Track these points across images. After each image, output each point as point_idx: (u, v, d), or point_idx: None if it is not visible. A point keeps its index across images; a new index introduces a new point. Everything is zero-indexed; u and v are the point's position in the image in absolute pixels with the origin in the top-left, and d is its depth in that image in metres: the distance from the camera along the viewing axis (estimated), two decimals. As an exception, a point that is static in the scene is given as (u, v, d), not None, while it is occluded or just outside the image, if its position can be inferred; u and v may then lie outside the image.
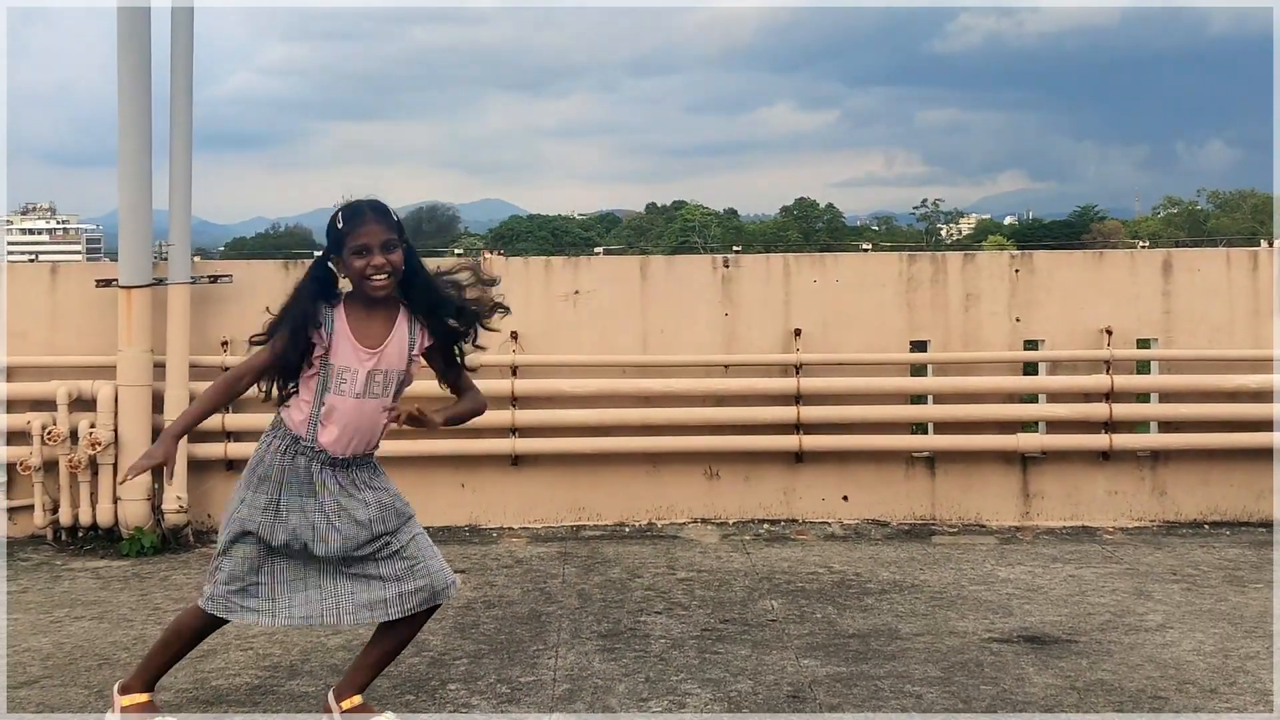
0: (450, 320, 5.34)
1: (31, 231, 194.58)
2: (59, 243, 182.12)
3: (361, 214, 5.16)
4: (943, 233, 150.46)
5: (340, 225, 5.17)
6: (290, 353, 5.21)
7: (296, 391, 5.31)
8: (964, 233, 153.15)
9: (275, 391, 5.37)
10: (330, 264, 5.26)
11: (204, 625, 5.42)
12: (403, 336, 5.25)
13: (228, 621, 5.36)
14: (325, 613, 5.25)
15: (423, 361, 5.38)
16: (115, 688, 5.50)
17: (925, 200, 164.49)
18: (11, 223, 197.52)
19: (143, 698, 5.42)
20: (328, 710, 5.42)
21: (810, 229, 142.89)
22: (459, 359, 5.47)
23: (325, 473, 5.21)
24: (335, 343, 5.18)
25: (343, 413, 5.18)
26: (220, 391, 5.40)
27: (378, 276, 5.11)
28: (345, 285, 5.28)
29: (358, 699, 5.40)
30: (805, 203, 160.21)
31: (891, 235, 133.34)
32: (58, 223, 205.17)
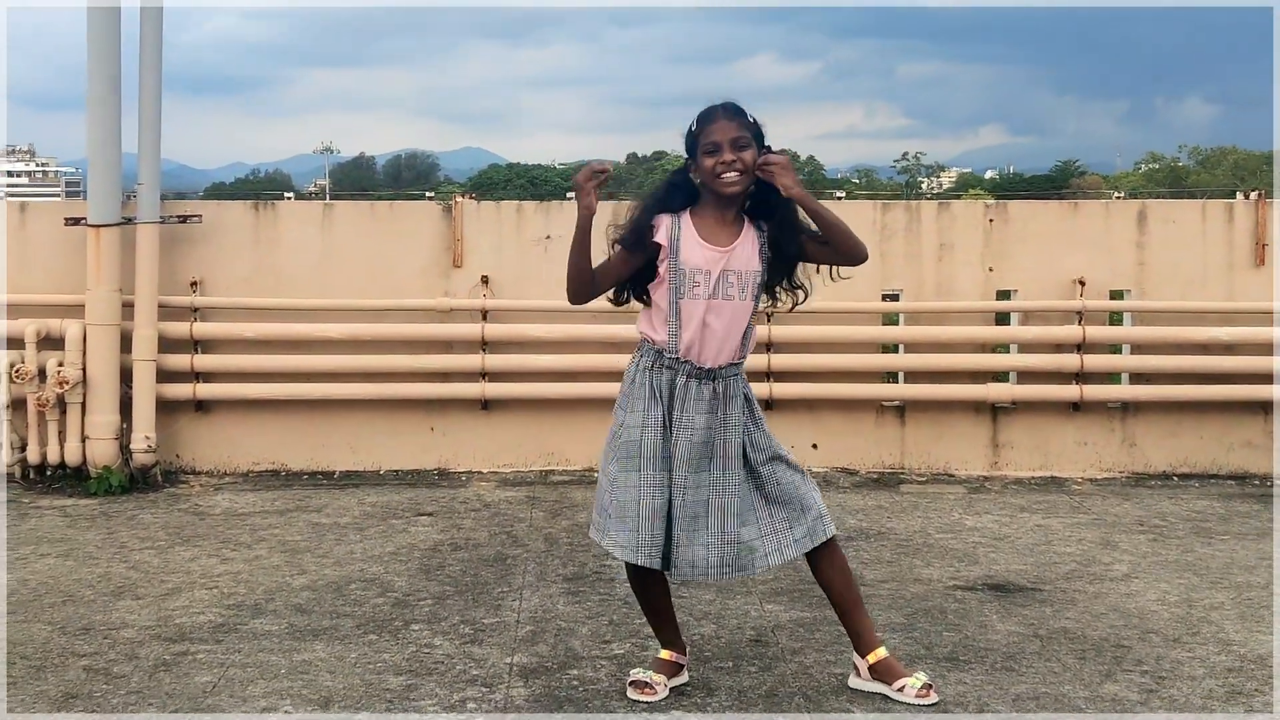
0: (794, 250, 5.18)
1: (11, 174, 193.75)
2: (38, 184, 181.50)
3: (712, 113, 5.08)
4: (923, 186, 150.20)
5: (694, 128, 5.10)
6: (629, 257, 5.16)
7: (646, 301, 5.22)
8: (944, 186, 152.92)
9: (623, 297, 5.31)
10: (690, 173, 5.15)
11: (635, 575, 5.27)
12: (753, 239, 5.13)
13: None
14: (710, 565, 5.09)
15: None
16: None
17: (906, 154, 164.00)
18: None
19: (666, 653, 5.32)
20: (856, 670, 5.34)
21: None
22: (786, 291, 5.31)
23: (691, 385, 5.07)
24: (683, 246, 5.05)
25: (698, 317, 5.04)
26: (583, 268, 5.19)
27: (728, 174, 5.00)
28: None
29: (882, 651, 5.29)
30: (786, 155, 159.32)
31: (872, 188, 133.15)
32: (37, 165, 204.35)
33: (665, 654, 5.32)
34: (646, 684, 5.16)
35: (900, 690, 5.18)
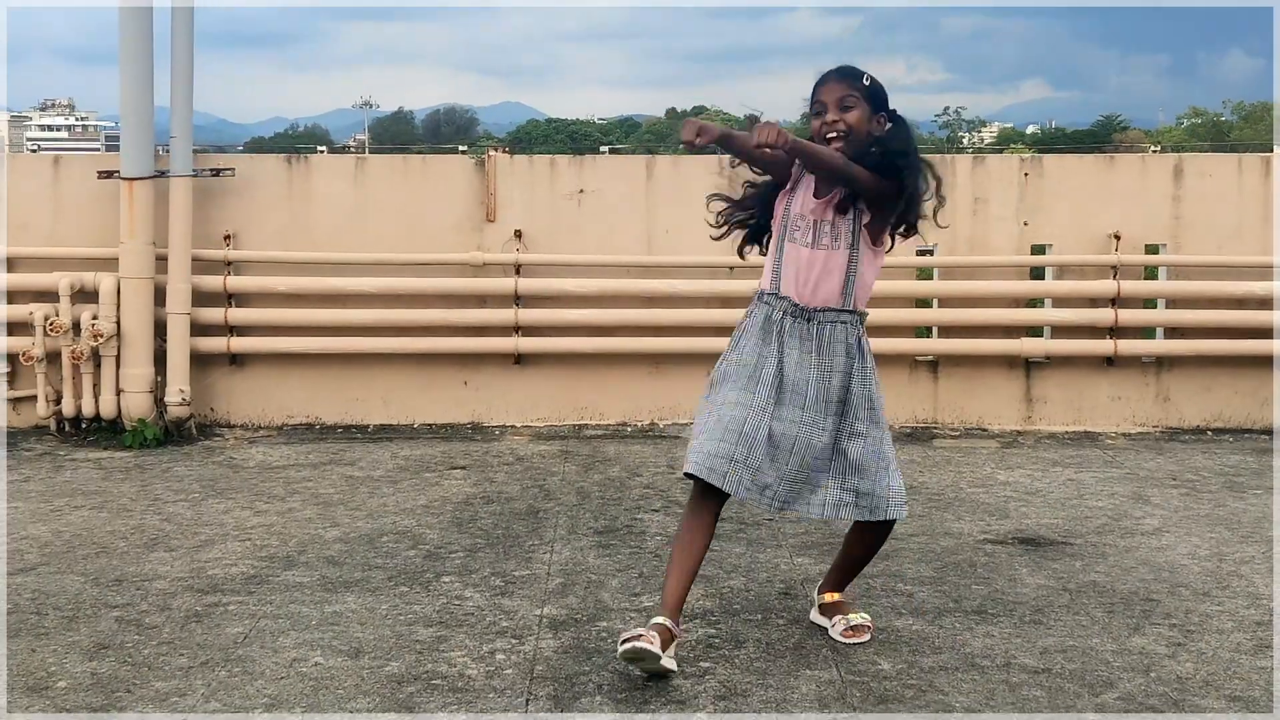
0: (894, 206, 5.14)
1: (50, 128, 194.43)
2: (78, 139, 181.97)
3: (825, 76, 5.17)
4: (964, 141, 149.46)
5: (810, 91, 5.20)
6: (773, 166, 5.25)
7: (764, 251, 5.36)
8: (986, 141, 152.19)
9: (743, 250, 5.49)
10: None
11: (689, 509, 5.20)
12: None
13: (715, 500, 5.13)
14: (774, 496, 5.11)
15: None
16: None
17: (947, 108, 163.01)
18: (30, 119, 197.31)
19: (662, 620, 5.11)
20: (813, 603, 5.55)
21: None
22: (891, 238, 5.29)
23: (787, 320, 5.12)
24: (798, 191, 5.18)
25: (795, 260, 5.13)
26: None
27: (830, 134, 5.07)
28: None
29: (837, 595, 5.48)
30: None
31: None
32: (76, 119, 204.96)
33: (664, 620, 5.01)
34: (639, 634, 4.91)
35: (833, 626, 5.36)
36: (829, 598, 5.49)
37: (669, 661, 4.87)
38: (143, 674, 4.94)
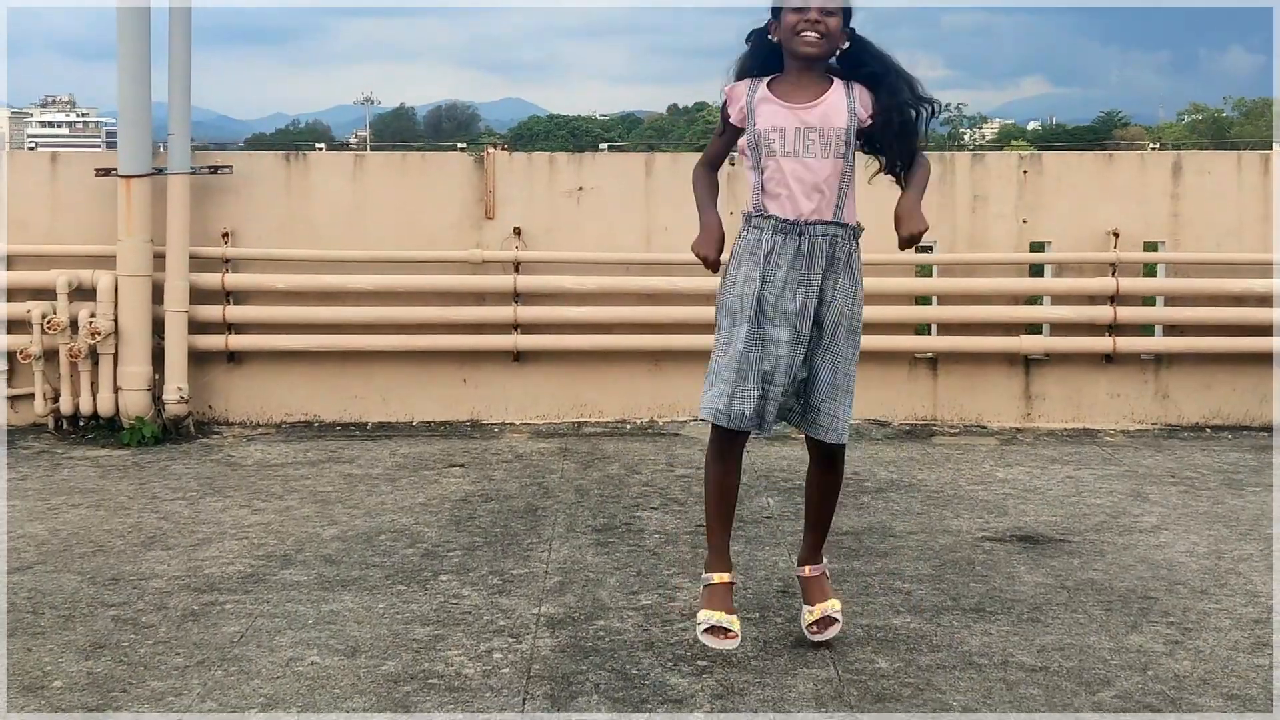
0: (898, 98, 5.10)
1: (51, 124, 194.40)
2: (79, 135, 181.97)
3: None
4: (965, 137, 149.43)
5: None
6: (724, 137, 5.27)
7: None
8: (987, 138, 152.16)
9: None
10: (770, 33, 5.12)
11: (716, 455, 5.16)
12: (841, 99, 5.04)
13: (739, 441, 5.12)
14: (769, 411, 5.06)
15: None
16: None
17: (948, 105, 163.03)
18: (31, 115, 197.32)
19: (722, 577, 5.15)
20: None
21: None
22: (911, 137, 5.20)
23: (777, 239, 5.01)
24: (758, 108, 5.06)
25: (776, 174, 5.02)
26: (699, 175, 5.37)
27: (809, 32, 4.94)
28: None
29: (818, 568, 5.38)
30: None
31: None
32: (77, 115, 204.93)
33: (719, 578, 5.09)
34: (725, 629, 4.98)
35: (803, 618, 5.31)
36: (807, 571, 5.35)
37: (739, 629, 5.03)
38: (139, 673, 4.93)
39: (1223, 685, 4.85)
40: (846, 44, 5.09)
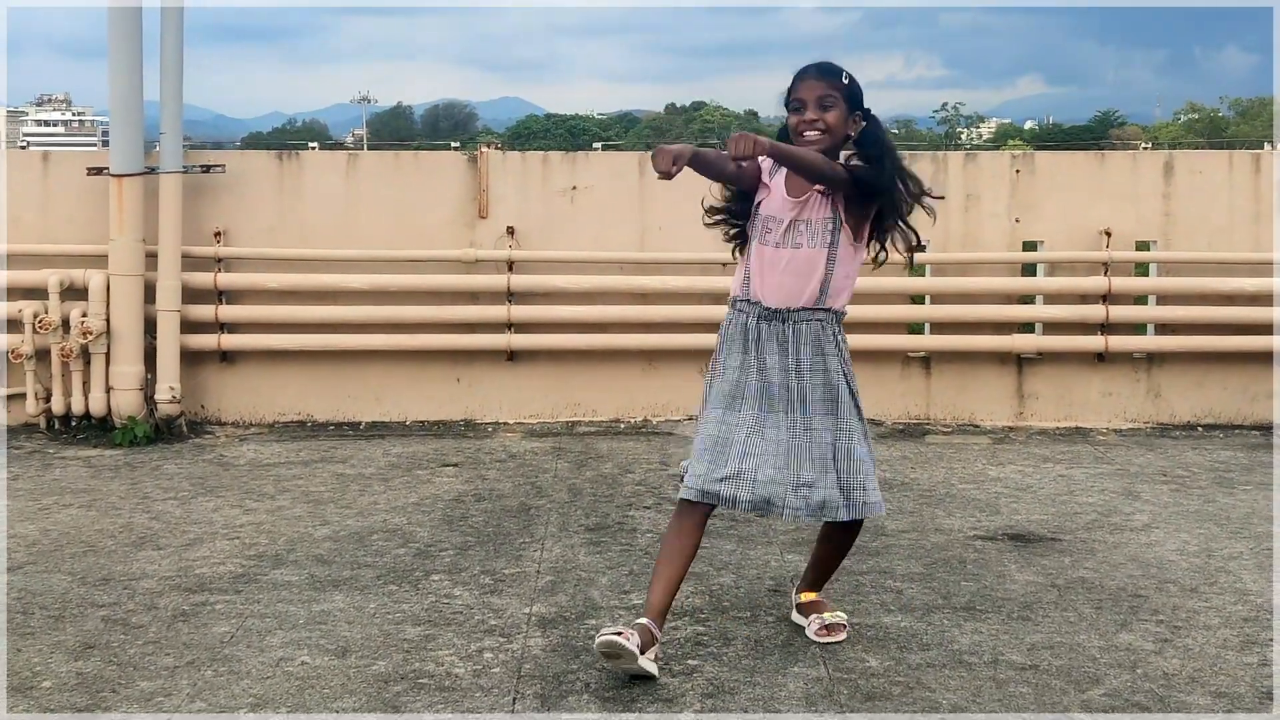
0: (882, 204, 5.13)
1: (46, 123, 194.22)
2: (74, 134, 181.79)
3: (804, 72, 5.13)
4: (962, 137, 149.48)
5: (789, 85, 5.17)
6: (744, 173, 5.21)
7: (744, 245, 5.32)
8: (983, 137, 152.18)
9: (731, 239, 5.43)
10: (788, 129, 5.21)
11: (675, 521, 5.20)
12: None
13: (701, 516, 5.16)
14: (774, 498, 5.08)
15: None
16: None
17: (945, 104, 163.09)
18: (26, 114, 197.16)
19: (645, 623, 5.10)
20: (793, 603, 5.54)
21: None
22: (884, 250, 5.28)
23: (760, 325, 5.12)
24: (772, 191, 5.16)
25: (768, 262, 5.12)
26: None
27: (809, 132, 5.05)
28: None
29: (814, 594, 5.47)
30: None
31: (911, 139, 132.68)
32: (73, 115, 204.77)
33: (646, 621, 4.99)
34: (619, 631, 4.90)
35: (809, 625, 5.34)
36: (805, 597, 5.48)
37: (648, 664, 4.84)
38: (128, 674, 4.93)
39: (1211, 683, 4.86)
40: (862, 124, 5.15)
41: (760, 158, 5.05)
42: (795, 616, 5.49)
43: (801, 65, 5.17)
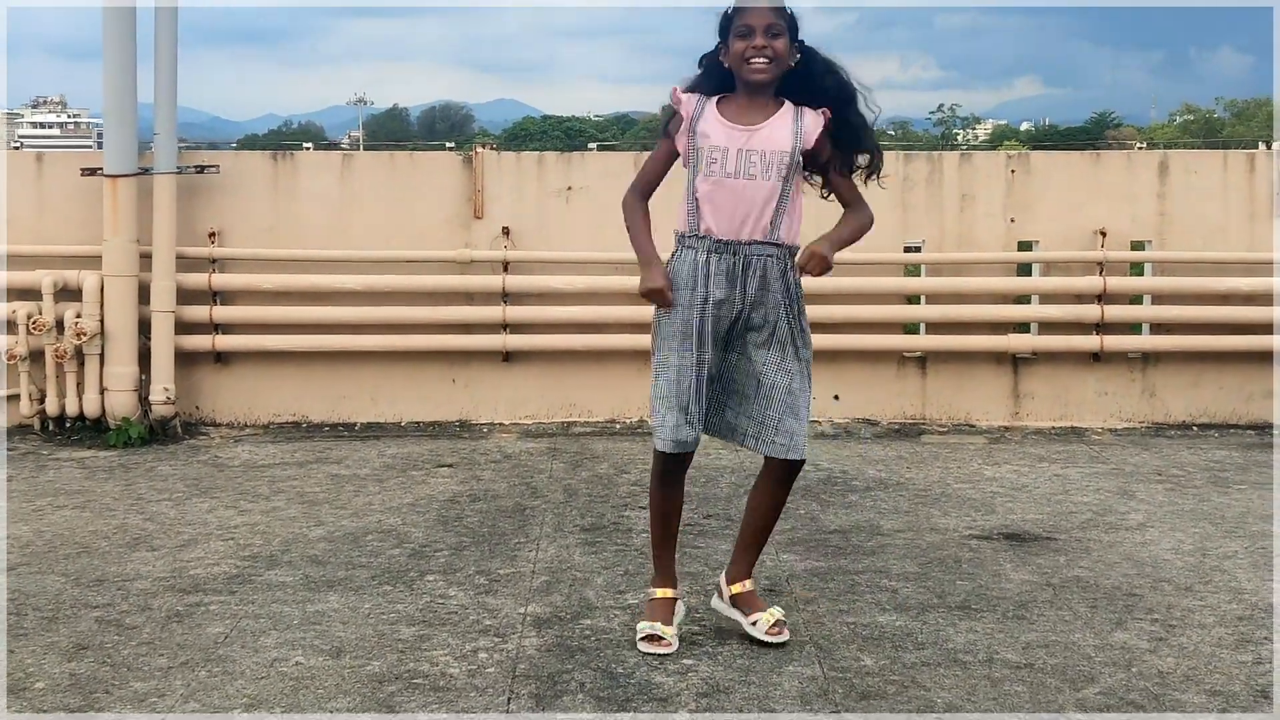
0: (849, 117, 5.16)
1: (42, 125, 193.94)
2: (70, 136, 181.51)
3: None
4: (959, 138, 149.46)
5: (729, 11, 5.08)
6: (667, 147, 5.23)
7: None
8: (980, 139, 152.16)
9: None
10: (720, 57, 5.13)
11: (664, 480, 5.27)
12: (787, 123, 5.08)
13: (684, 464, 5.25)
14: (737, 427, 5.19)
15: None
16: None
17: (942, 105, 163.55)
18: (22, 116, 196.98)
19: (665, 592, 5.33)
20: (719, 593, 5.45)
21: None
22: (851, 167, 5.25)
23: (710, 259, 5.04)
24: (702, 123, 5.07)
25: (717, 195, 5.03)
26: (633, 207, 5.35)
27: (758, 59, 4.97)
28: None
29: (748, 584, 5.38)
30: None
31: (907, 140, 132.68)
32: (68, 116, 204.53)
33: (662, 593, 5.29)
34: (658, 637, 5.13)
35: (754, 624, 5.25)
36: (739, 588, 5.37)
37: (675, 638, 5.16)
38: (121, 674, 4.92)
39: (1206, 682, 4.86)
40: (797, 57, 5.12)
41: (679, 104, 5.11)
42: (722, 606, 5.41)
43: None
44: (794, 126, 5.08)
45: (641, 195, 5.32)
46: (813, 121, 5.11)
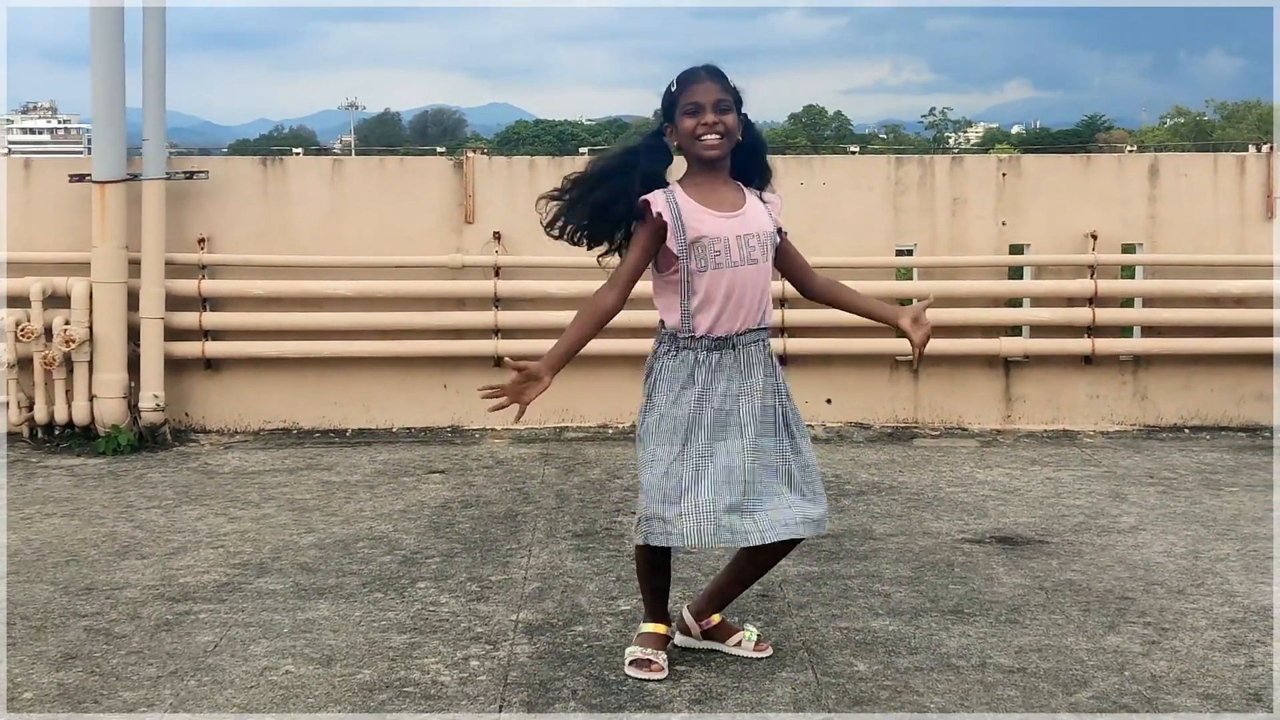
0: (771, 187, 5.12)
1: (32, 131, 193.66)
2: (61, 142, 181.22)
3: (695, 74, 4.91)
4: (951, 141, 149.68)
5: (674, 88, 4.93)
6: (646, 239, 4.94)
7: (616, 250, 5.11)
8: (971, 142, 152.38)
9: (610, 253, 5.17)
10: (666, 136, 4.99)
11: (651, 563, 5.13)
12: (756, 200, 5.00)
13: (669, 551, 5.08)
14: (735, 528, 4.85)
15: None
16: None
17: (934, 109, 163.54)
18: (12, 122, 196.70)
19: (658, 628, 5.18)
20: (684, 630, 5.28)
21: (819, 136, 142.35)
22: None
23: (710, 356, 4.88)
24: (690, 220, 4.84)
25: (723, 287, 4.85)
26: (601, 316, 5.13)
27: (709, 136, 4.84)
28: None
29: (716, 617, 5.26)
30: (814, 110, 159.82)
31: (899, 143, 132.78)
32: (59, 122, 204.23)
33: (656, 628, 5.13)
34: (649, 661, 5.02)
35: (738, 645, 5.19)
36: (716, 619, 5.25)
37: (666, 664, 5.05)
38: (110, 684, 4.90)
39: (1199, 685, 4.85)
40: (741, 132, 5.00)
41: (657, 214, 4.85)
42: (693, 641, 5.26)
43: (687, 69, 4.98)
44: (761, 204, 5.02)
45: (622, 294, 5.05)
46: (769, 195, 5.09)
